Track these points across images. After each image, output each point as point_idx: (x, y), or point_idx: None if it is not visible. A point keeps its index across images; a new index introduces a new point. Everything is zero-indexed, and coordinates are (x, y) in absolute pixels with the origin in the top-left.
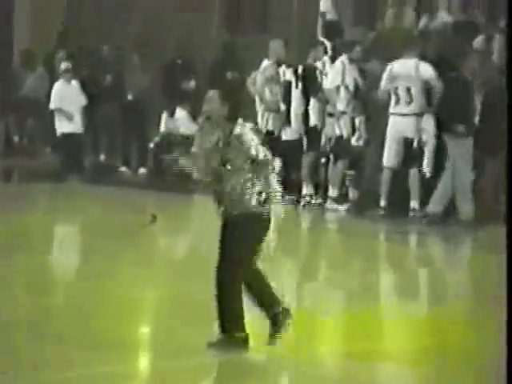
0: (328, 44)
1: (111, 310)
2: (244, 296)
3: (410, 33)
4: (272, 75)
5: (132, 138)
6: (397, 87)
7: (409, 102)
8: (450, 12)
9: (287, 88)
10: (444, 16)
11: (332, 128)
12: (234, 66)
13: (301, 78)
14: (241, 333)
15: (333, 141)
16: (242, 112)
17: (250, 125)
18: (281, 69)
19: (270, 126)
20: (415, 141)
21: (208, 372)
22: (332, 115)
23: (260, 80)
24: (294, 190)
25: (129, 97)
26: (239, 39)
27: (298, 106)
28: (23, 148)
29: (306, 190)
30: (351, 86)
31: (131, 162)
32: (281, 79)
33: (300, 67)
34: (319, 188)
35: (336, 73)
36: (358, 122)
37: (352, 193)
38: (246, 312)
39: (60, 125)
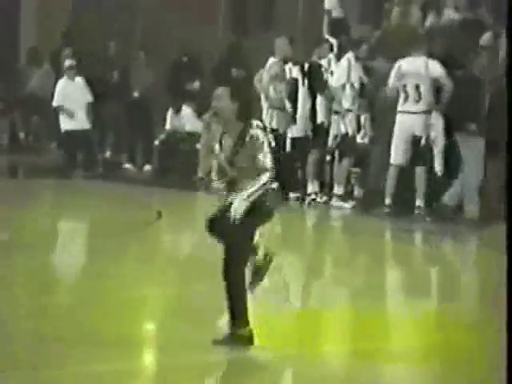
0: (334, 42)
1: (115, 308)
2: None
3: (416, 31)
4: (277, 73)
5: (137, 135)
6: (405, 85)
7: (417, 100)
8: (457, 10)
9: (294, 85)
10: (451, 14)
11: (337, 126)
12: (240, 64)
13: (307, 76)
14: (246, 328)
15: (338, 138)
16: (252, 110)
17: (261, 125)
18: (287, 66)
19: (275, 124)
20: (423, 138)
21: (212, 370)
22: (337, 113)
23: (265, 77)
24: (300, 188)
25: (135, 94)
26: (245, 37)
27: (305, 104)
28: (29, 144)
29: (312, 188)
30: (356, 84)
31: (136, 159)
32: (286, 77)
33: (306, 64)
34: (324, 186)
35: (342, 71)
36: (364, 120)
37: (357, 190)
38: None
39: (64, 122)
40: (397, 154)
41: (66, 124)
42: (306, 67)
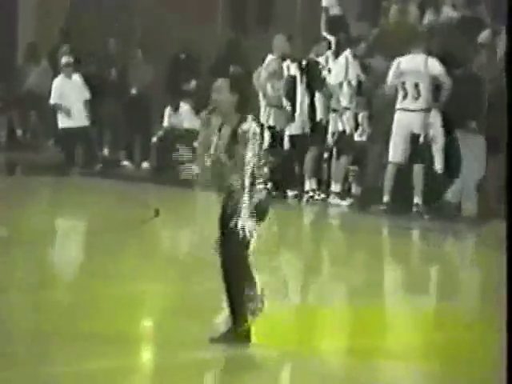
0: (331, 39)
1: (113, 305)
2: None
3: (415, 29)
4: (275, 70)
5: (135, 133)
6: (404, 82)
7: (416, 98)
8: (455, 7)
9: (292, 83)
10: (449, 11)
11: (335, 123)
12: (238, 62)
13: (304, 73)
14: (245, 325)
15: (336, 136)
16: (250, 105)
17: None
18: (285, 63)
19: (272, 121)
20: (422, 136)
21: (210, 367)
22: (335, 111)
23: (263, 75)
24: (297, 185)
25: (132, 91)
26: (243, 35)
27: (303, 101)
28: (26, 142)
29: (309, 186)
30: (354, 82)
31: (134, 157)
32: (284, 74)
33: (304, 62)
34: (322, 183)
35: (339, 68)
36: (361, 118)
37: (355, 188)
38: None
39: (61, 120)
40: (395, 152)
41: (64, 121)
42: (304, 65)
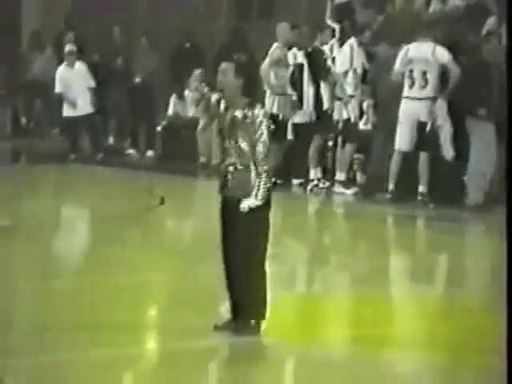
0: (336, 27)
1: (118, 293)
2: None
3: (420, 16)
4: (279, 58)
5: (140, 121)
6: (412, 70)
7: (424, 86)
8: None
9: (299, 71)
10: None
11: (340, 112)
12: (243, 50)
13: (310, 61)
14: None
15: (340, 124)
16: (256, 89)
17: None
18: (292, 51)
19: (275, 109)
20: (429, 125)
21: (215, 355)
22: (340, 99)
23: (266, 62)
24: (302, 174)
25: (137, 80)
26: (248, 25)
27: (309, 89)
28: (31, 130)
29: (314, 174)
30: (359, 70)
31: (139, 145)
32: (291, 62)
33: (308, 50)
34: (327, 172)
35: (344, 57)
36: (366, 106)
37: (360, 177)
38: None
39: (65, 108)
40: (401, 140)
41: (68, 110)
42: (308, 52)
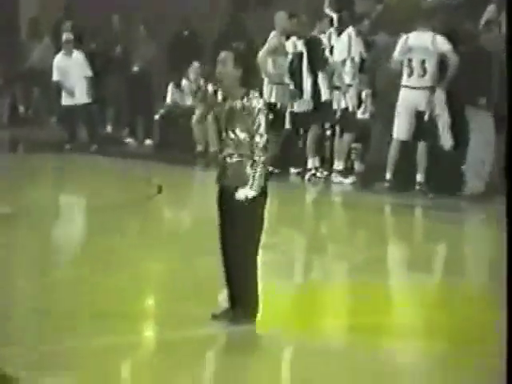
0: (334, 16)
1: (116, 282)
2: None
3: (419, 5)
4: (276, 46)
5: (138, 110)
6: (411, 59)
7: (422, 75)
8: None
9: (299, 60)
10: None
11: (338, 101)
12: (242, 39)
13: (308, 50)
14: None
15: (338, 113)
16: (254, 79)
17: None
18: (291, 40)
19: (273, 98)
20: (427, 114)
21: (213, 344)
22: (338, 88)
23: (263, 50)
24: (300, 163)
25: (135, 68)
26: (245, 13)
27: (308, 78)
28: (29, 118)
29: (312, 163)
30: (357, 59)
31: (137, 134)
32: (290, 51)
33: (308, 38)
34: (325, 161)
35: (342, 46)
36: (365, 95)
37: (358, 166)
38: None
39: (64, 97)
40: (399, 130)
41: (66, 99)
42: (307, 41)
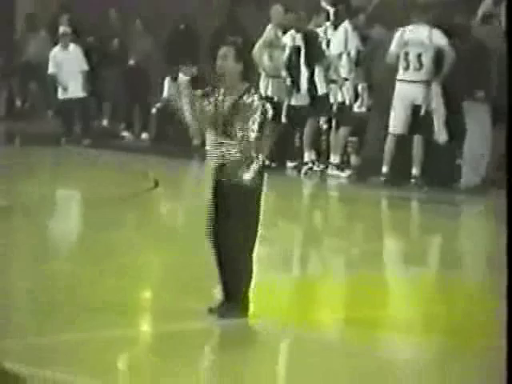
0: (330, 10)
1: (112, 276)
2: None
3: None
4: (272, 39)
5: (135, 104)
6: (407, 53)
7: (418, 69)
8: None
9: (297, 53)
10: None
11: (335, 94)
12: (238, 33)
13: (306, 44)
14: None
15: (335, 107)
16: (254, 74)
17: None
18: (289, 34)
19: (270, 92)
20: (423, 108)
21: (208, 337)
22: (335, 82)
23: (258, 44)
24: (297, 157)
25: (131, 62)
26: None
27: (305, 72)
28: (26, 112)
29: (308, 157)
30: (353, 53)
31: (134, 127)
32: (289, 44)
33: (306, 32)
34: (321, 155)
35: (339, 40)
36: (361, 89)
37: (354, 159)
38: None
39: (60, 91)
40: (396, 123)
41: (62, 93)
42: (305, 35)
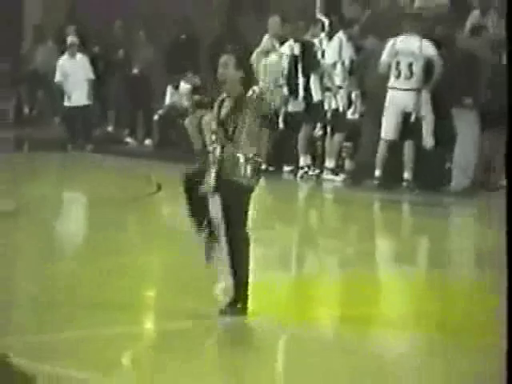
0: (325, 21)
1: (115, 277)
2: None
3: (405, 11)
4: (268, 48)
5: (138, 111)
6: (398, 62)
7: (409, 78)
8: None
9: (294, 62)
10: None
11: (329, 102)
12: (237, 42)
13: (304, 53)
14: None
15: (329, 114)
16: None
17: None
18: (288, 43)
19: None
20: (413, 114)
21: (207, 335)
22: (329, 89)
23: (256, 52)
24: (293, 161)
25: (135, 71)
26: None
27: (302, 80)
28: (33, 119)
29: (304, 161)
30: (347, 62)
31: (137, 134)
32: (288, 53)
33: (303, 42)
34: (316, 159)
35: (333, 49)
36: (354, 96)
37: (348, 164)
38: None
39: (66, 98)
40: (387, 129)
41: (68, 100)
42: (303, 44)
